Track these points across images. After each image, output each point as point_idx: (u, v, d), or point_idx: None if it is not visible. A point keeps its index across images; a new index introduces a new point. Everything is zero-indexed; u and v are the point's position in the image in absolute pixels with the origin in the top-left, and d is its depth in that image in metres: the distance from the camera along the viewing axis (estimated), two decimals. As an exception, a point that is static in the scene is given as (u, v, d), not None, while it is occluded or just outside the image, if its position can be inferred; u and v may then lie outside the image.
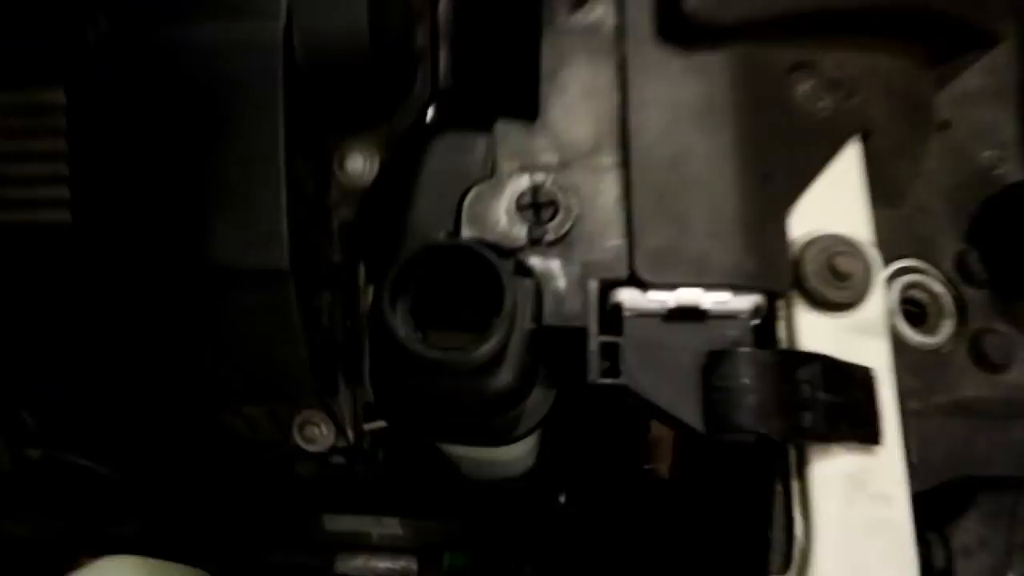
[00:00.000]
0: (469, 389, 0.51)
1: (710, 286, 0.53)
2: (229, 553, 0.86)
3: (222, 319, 0.58)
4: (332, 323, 0.64)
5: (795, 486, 0.53)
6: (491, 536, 0.90)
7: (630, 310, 0.53)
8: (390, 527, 0.92)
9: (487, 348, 0.48)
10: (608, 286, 0.54)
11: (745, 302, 0.53)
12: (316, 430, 0.68)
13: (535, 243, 0.54)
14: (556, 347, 0.54)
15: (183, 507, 0.83)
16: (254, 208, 0.55)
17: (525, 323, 0.52)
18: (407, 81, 0.63)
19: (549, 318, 0.53)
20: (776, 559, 0.52)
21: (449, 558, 0.88)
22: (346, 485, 0.87)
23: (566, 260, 0.54)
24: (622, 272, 0.54)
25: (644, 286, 0.53)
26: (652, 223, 0.54)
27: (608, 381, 0.51)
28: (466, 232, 0.54)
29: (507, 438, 0.55)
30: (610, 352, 0.52)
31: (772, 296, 0.55)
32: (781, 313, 0.56)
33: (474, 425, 0.54)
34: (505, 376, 0.51)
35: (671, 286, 0.53)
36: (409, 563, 0.89)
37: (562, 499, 0.88)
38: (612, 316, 0.53)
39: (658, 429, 0.72)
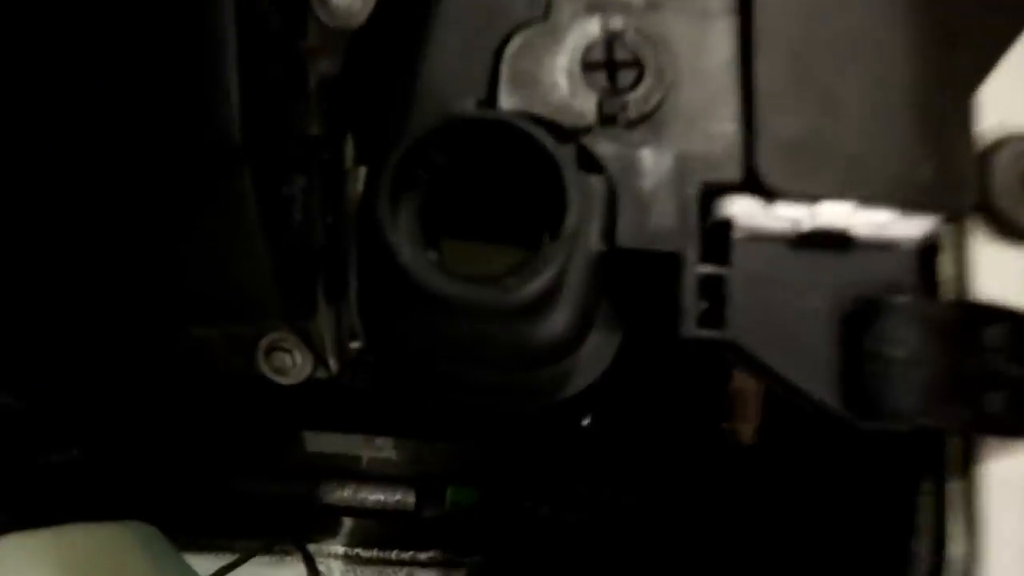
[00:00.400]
0: (504, 337, 0.34)
1: (865, 200, 0.36)
2: (187, 481, 0.71)
3: (159, 215, 0.41)
4: (307, 218, 0.47)
5: (955, 488, 0.38)
6: (503, 467, 0.76)
7: (745, 230, 0.36)
8: (383, 450, 0.78)
9: (537, 284, 0.32)
10: (714, 192, 0.36)
11: (914, 227, 0.36)
12: (287, 358, 0.52)
13: (608, 122, 0.36)
14: (630, 276, 0.37)
15: (129, 425, 0.68)
16: (193, 59, 0.37)
17: (591, 243, 0.35)
18: None
19: (626, 237, 0.36)
20: (918, 583, 0.38)
21: (453, 493, 0.75)
22: (329, 398, 0.73)
23: (654, 149, 0.36)
24: (735, 173, 0.36)
25: (769, 195, 0.35)
26: (783, 102, 0.36)
27: (709, 334, 0.35)
28: (507, 101, 0.36)
29: (550, 398, 0.38)
30: (712, 290, 0.35)
31: (949, 219, 0.37)
32: (948, 243, 0.39)
33: (507, 383, 0.38)
34: (558, 321, 0.35)
35: (809, 197, 0.35)
36: (405, 496, 0.75)
37: (586, 422, 0.73)
38: (718, 237, 0.36)
39: (743, 379, 0.56)
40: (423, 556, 0.72)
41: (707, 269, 0.36)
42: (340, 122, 0.49)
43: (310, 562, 0.62)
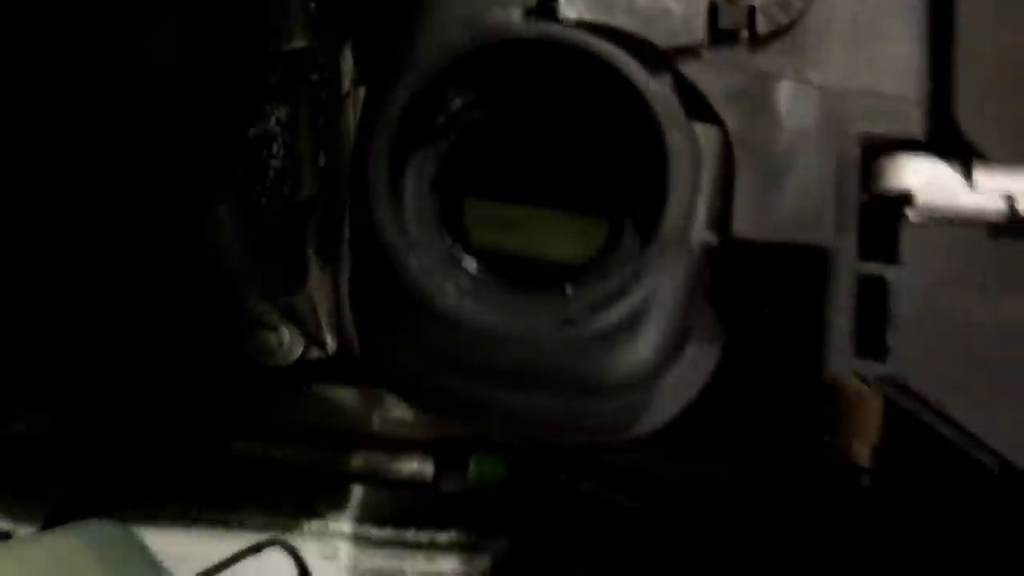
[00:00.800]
0: (566, 368, 0.23)
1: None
2: (177, 442, 0.62)
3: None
4: (291, 163, 0.35)
5: None
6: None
7: (928, 211, 0.24)
8: (397, 411, 0.68)
9: (617, 312, 0.20)
10: (881, 149, 0.24)
11: None
12: (272, 337, 0.42)
13: (724, 39, 0.24)
14: (744, 272, 0.25)
15: (105, 386, 0.59)
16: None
17: (695, 235, 0.23)
18: None
19: (747, 224, 0.23)
20: None
21: (477, 463, 0.65)
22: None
23: (791, 82, 0.24)
24: (916, 124, 0.24)
25: (969, 159, 0.23)
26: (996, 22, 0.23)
27: (867, 369, 0.23)
28: (569, 7, 0.23)
29: (622, 435, 0.27)
30: (873, 299, 0.24)
31: None
32: None
33: (567, 415, 0.27)
34: (643, 348, 0.23)
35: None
36: (423, 465, 0.65)
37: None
38: (883, 221, 0.24)
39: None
40: (442, 538, 0.63)
41: (870, 269, 0.24)
42: (334, 30, 0.36)
43: (300, 563, 0.53)
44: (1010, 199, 0.23)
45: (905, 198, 0.24)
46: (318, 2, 0.36)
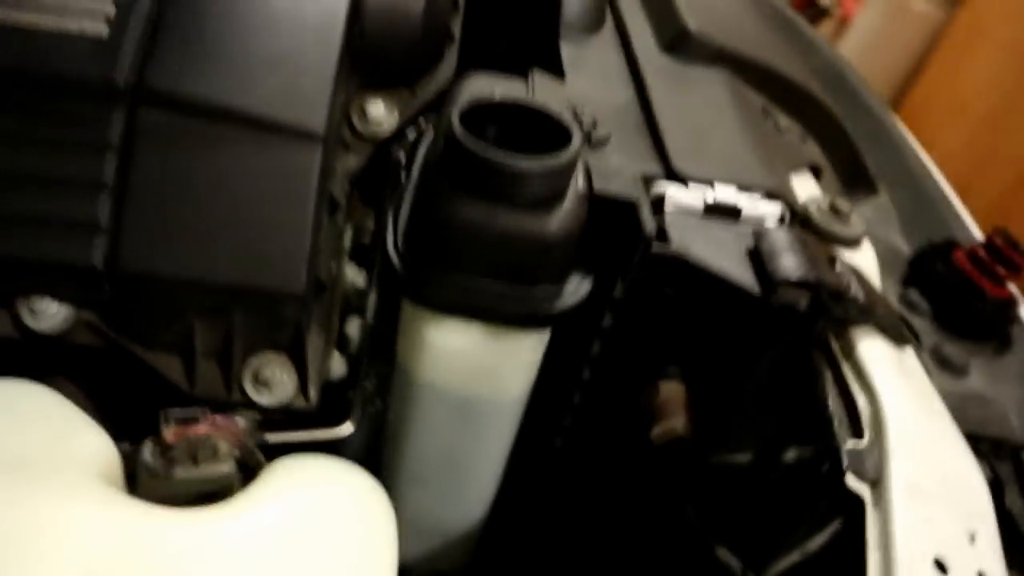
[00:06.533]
0: (527, 225, 0.49)
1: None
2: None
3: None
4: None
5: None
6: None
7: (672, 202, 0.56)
8: None
9: (568, 154, 0.48)
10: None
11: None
12: (275, 375, 0.57)
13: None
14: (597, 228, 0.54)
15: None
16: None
17: (578, 185, 0.53)
18: (436, 58, 0.69)
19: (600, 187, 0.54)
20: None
21: None
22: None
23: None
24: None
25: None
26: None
27: (663, 248, 0.52)
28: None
29: (545, 313, 0.52)
30: (660, 232, 0.54)
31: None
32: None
33: (520, 267, 0.51)
34: (562, 218, 0.50)
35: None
36: None
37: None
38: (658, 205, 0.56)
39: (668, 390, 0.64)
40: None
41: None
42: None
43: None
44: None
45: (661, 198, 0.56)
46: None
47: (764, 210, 0.57)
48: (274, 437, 0.57)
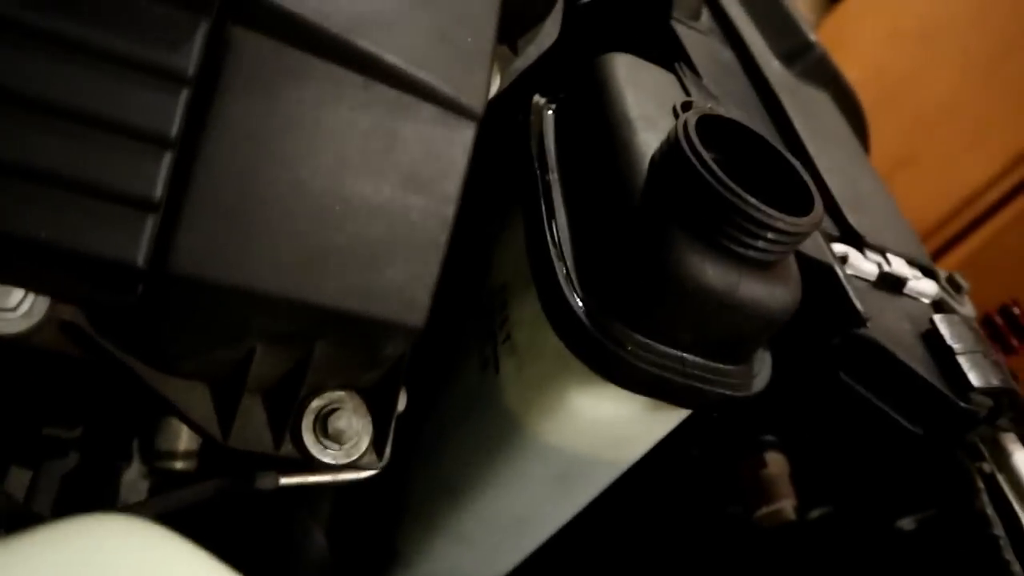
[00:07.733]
0: (772, 295, 0.40)
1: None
2: None
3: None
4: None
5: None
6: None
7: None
8: None
9: (815, 217, 0.39)
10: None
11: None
12: (350, 425, 0.42)
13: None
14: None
15: None
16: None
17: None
18: (544, 12, 0.54)
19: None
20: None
21: None
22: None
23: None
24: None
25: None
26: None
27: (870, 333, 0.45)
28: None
29: (746, 394, 0.42)
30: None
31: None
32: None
33: (737, 343, 0.41)
34: (795, 288, 0.41)
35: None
36: None
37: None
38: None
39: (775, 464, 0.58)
40: None
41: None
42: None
43: None
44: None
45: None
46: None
47: (924, 287, 0.52)
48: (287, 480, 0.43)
